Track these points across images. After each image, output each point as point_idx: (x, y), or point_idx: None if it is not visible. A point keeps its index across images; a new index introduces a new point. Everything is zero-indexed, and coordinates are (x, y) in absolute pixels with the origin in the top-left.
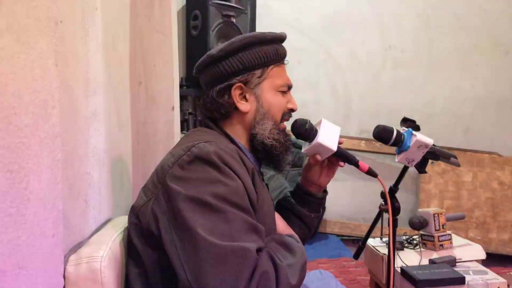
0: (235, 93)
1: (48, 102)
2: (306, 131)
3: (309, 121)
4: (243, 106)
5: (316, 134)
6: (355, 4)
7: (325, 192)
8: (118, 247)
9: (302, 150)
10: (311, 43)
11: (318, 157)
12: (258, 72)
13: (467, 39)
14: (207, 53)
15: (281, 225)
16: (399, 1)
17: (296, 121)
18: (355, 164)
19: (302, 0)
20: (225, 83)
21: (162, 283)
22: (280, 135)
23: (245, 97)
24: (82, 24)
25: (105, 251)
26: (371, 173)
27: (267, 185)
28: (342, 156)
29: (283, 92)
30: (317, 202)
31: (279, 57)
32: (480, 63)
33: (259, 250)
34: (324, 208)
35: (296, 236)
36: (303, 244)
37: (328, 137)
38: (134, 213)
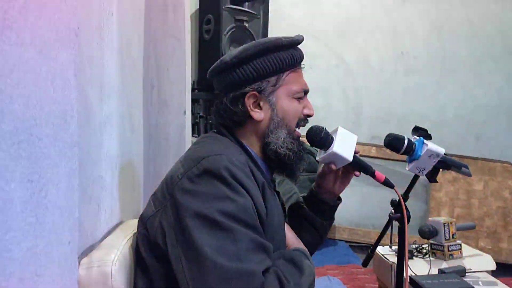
0: (249, 101)
1: (68, 112)
2: (321, 139)
3: (325, 128)
4: (256, 114)
5: (332, 143)
6: (368, 10)
7: (339, 199)
8: (128, 251)
9: (317, 158)
10: (323, 48)
11: (333, 166)
12: (273, 79)
13: (480, 46)
14: (221, 58)
15: (291, 238)
16: (412, 7)
17: (311, 128)
18: (371, 174)
19: (315, 5)
20: (239, 91)
21: None
22: (293, 144)
23: (259, 105)
24: (98, 30)
25: (116, 255)
26: (388, 183)
27: (278, 192)
28: (358, 166)
29: (299, 98)
30: (331, 209)
31: (295, 62)
32: (493, 70)
33: (266, 271)
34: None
35: (306, 251)
36: (315, 251)
37: (344, 146)
38: (143, 223)
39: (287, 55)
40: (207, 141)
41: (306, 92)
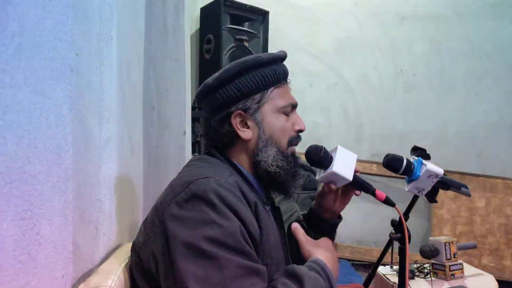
0: (235, 121)
1: (62, 147)
2: (321, 158)
3: (324, 147)
4: (244, 133)
5: (331, 162)
6: (367, 28)
7: (340, 218)
8: (125, 276)
9: (316, 177)
10: (323, 66)
11: (333, 186)
12: (257, 97)
13: (480, 63)
14: (204, 82)
15: (306, 246)
16: (410, 26)
17: (310, 147)
18: (372, 193)
19: (315, 24)
20: (224, 112)
21: None
22: (284, 161)
23: (246, 123)
24: (97, 55)
25: (113, 280)
26: (388, 202)
27: (279, 208)
28: (358, 185)
29: (287, 114)
30: (331, 228)
31: (278, 78)
32: (493, 87)
33: None
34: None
35: (319, 261)
36: None
37: (344, 165)
38: (135, 251)
39: (268, 71)
40: (197, 164)
41: (294, 106)
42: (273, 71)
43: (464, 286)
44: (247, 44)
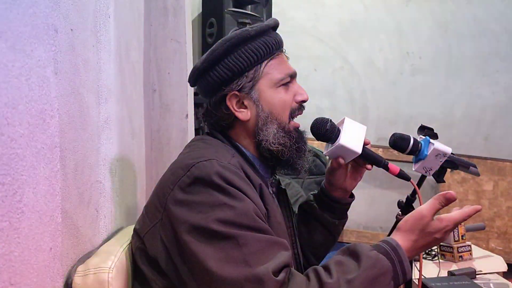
0: (231, 102)
1: (46, 111)
2: (327, 131)
3: (331, 120)
4: (242, 114)
5: (338, 135)
6: (372, 11)
7: (352, 197)
8: (126, 257)
9: (324, 152)
10: (328, 50)
11: (341, 161)
12: (250, 74)
13: (487, 45)
14: (194, 65)
15: (402, 227)
16: (416, 7)
17: (316, 120)
18: (384, 166)
19: (319, 7)
20: (218, 94)
21: None
22: (286, 137)
23: (243, 103)
24: (93, 32)
25: (113, 262)
26: (403, 176)
27: (285, 190)
28: (368, 158)
29: (286, 85)
30: (342, 208)
31: (271, 49)
32: (501, 69)
33: (285, 266)
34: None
35: (392, 241)
36: (328, 252)
37: (352, 138)
38: (139, 237)
39: (258, 44)
40: (198, 144)
41: (293, 76)
42: (264, 43)
43: (473, 268)
44: None
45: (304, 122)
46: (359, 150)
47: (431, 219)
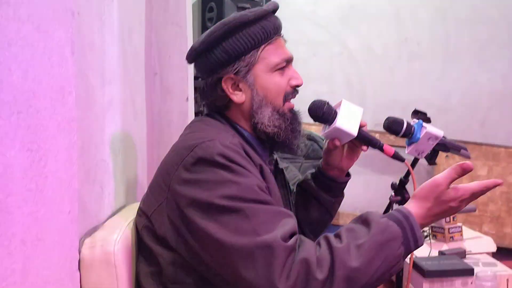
0: (227, 85)
1: (65, 88)
2: (324, 113)
3: (328, 102)
4: (237, 97)
5: (335, 117)
6: None
7: (348, 175)
8: (130, 231)
9: (321, 134)
10: (326, 35)
11: (337, 142)
12: (247, 58)
13: (485, 31)
14: (190, 47)
15: (417, 195)
16: None
17: (313, 102)
18: (380, 147)
19: None
20: (214, 76)
21: (178, 283)
22: (280, 119)
23: (238, 86)
24: (98, 15)
25: (118, 235)
26: (397, 157)
27: (282, 170)
28: (364, 140)
29: (282, 69)
30: (339, 186)
31: (269, 34)
32: (498, 56)
33: (293, 234)
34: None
35: (404, 209)
36: (325, 228)
37: (348, 120)
38: (146, 216)
39: (256, 29)
40: (199, 125)
41: (289, 61)
42: (262, 28)
43: (463, 248)
44: None
45: (302, 107)
46: (354, 132)
47: (446, 188)
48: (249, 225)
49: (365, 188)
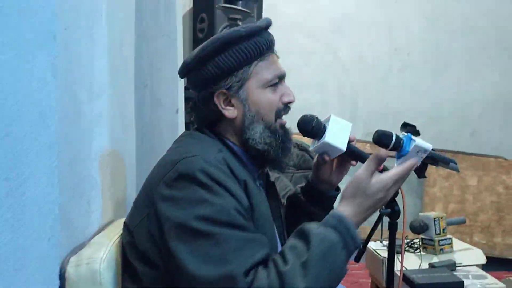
0: (219, 100)
1: (46, 112)
2: (313, 128)
3: (317, 117)
4: (229, 112)
5: (324, 132)
6: (363, 6)
7: (338, 190)
8: (116, 249)
9: (310, 148)
10: (318, 45)
11: (326, 157)
12: (239, 74)
13: (475, 41)
14: (184, 60)
15: (345, 194)
16: (407, 3)
17: (302, 117)
18: None
19: (310, 1)
20: (207, 91)
21: None
22: (272, 137)
23: (230, 101)
24: (87, 30)
25: (104, 253)
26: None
27: (273, 183)
28: (353, 155)
29: (274, 86)
30: (329, 200)
31: (262, 50)
32: (488, 65)
33: (260, 263)
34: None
35: (337, 213)
36: None
37: (337, 135)
38: (129, 231)
39: (249, 45)
40: (186, 140)
41: (281, 77)
42: (255, 44)
43: (453, 260)
44: (240, 23)
45: (293, 117)
46: (343, 147)
47: (369, 181)
48: (218, 252)
49: None
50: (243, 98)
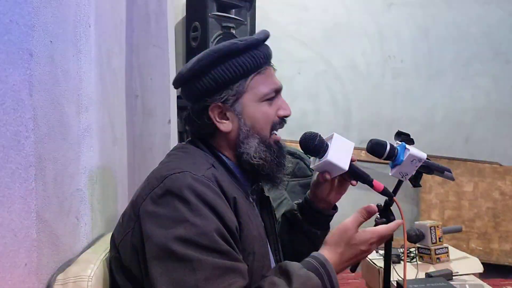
0: (214, 113)
1: (21, 133)
2: (315, 146)
3: (319, 135)
4: (223, 126)
5: (326, 150)
6: (355, 15)
7: (335, 209)
8: (105, 265)
9: (311, 166)
10: (311, 53)
11: (327, 176)
12: (235, 87)
13: (467, 48)
14: (180, 70)
15: (329, 239)
16: (398, 11)
17: (305, 134)
18: (369, 183)
19: (302, 11)
20: (201, 104)
21: None
22: (267, 152)
23: (225, 115)
24: (74, 42)
25: (92, 270)
26: (386, 193)
27: (268, 197)
28: (354, 175)
29: (271, 99)
30: (325, 219)
31: (259, 63)
32: (480, 72)
33: None
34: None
35: (321, 256)
36: None
37: (340, 154)
38: (115, 246)
39: (246, 58)
40: (177, 154)
41: (278, 91)
42: (252, 57)
43: (449, 270)
44: (234, 32)
45: (287, 125)
46: (346, 166)
47: (355, 232)
48: (192, 280)
49: (352, 206)
50: (238, 112)
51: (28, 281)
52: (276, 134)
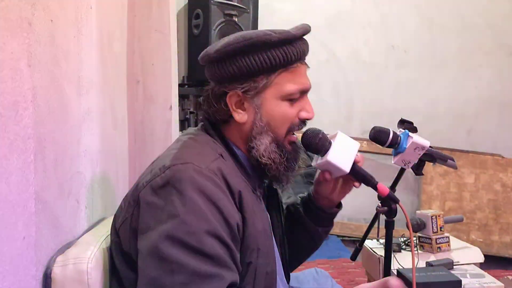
0: (231, 101)
1: (20, 103)
2: (317, 144)
3: (322, 132)
4: (239, 116)
5: (328, 149)
6: (359, 4)
7: (339, 206)
8: (105, 248)
9: (313, 164)
10: (314, 43)
11: (327, 176)
12: (260, 80)
13: (471, 39)
14: (207, 48)
15: None
16: (402, 1)
17: (307, 131)
18: (374, 186)
19: (305, 0)
20: (221, 88)
21: None
22: (277, 153)
23: (243, 104)
24: (75, 23)
25: (92, 252)
26: (391, 198)
27: (276, 190)
28: (358, 177)
29: (293, 100)
30: (328, 217)
31: (290, 60)
32: (484, 63)
33: None
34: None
35: None
36: (310, 255)
37: (341, 155)
38: (115, 230)
39: (277, 53)
40: (185, 142)
41: (304, 92)
42: (284, 52)
43: (450, 259)
44: (236, 20)
45: None
46: (347, 168)
47: None
48: (169, 282)
49: (353, 197)
50: (256, 105)
51: (26, 255)
52: (294, 134)
